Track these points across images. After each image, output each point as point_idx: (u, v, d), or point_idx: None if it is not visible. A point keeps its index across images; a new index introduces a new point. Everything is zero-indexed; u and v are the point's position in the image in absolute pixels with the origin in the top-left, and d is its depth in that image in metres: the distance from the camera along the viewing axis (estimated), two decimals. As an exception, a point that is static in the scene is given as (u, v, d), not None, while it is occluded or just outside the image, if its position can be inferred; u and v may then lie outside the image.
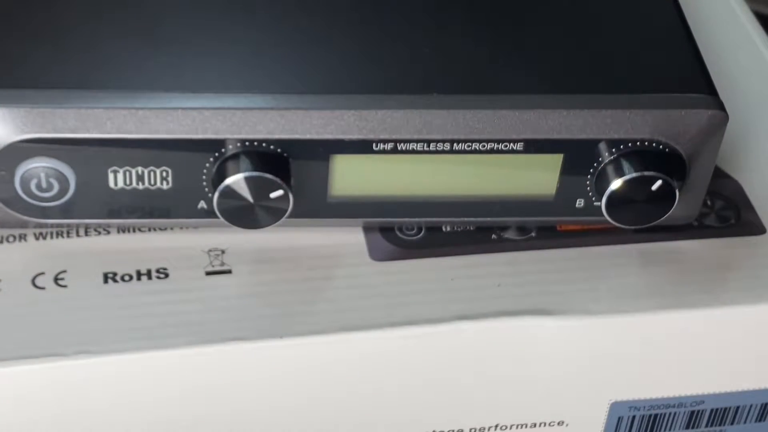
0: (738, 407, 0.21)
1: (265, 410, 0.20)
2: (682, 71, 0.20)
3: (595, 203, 0.20)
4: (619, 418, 0.21)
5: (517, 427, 0.21)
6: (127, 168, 0.19)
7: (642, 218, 0.20)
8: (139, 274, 0.19)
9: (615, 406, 0.21)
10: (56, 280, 0.19)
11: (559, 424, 0.21)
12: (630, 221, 0.20)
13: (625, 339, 0.20)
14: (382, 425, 0.21)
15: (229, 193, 0.18)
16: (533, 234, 0.21)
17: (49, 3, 0.21)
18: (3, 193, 0.19)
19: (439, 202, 0.20)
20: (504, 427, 0.21)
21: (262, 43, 0.20)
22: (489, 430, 0.21)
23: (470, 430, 0.21)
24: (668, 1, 0.22)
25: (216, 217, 0.19)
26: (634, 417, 0.21)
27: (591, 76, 0.20)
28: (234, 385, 0.19)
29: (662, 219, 0.20)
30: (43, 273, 0.19)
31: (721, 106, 0.19)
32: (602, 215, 0.19)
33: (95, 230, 0.21)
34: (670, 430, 0.22)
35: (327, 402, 0.20)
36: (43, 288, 0.19)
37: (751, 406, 0.22)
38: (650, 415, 0.21)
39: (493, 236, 0.21)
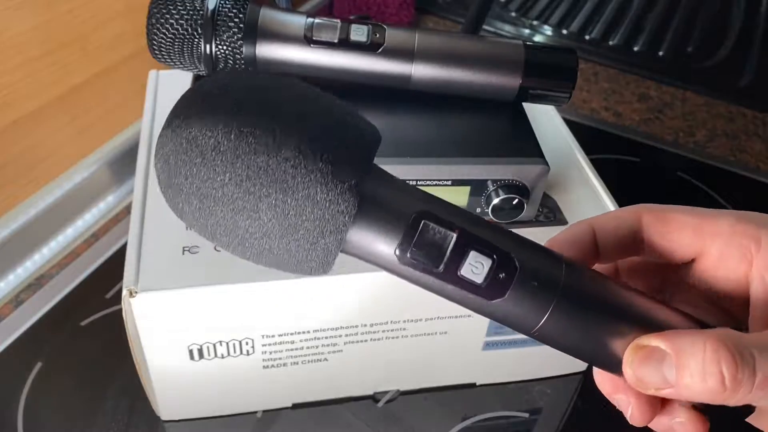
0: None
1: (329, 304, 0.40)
2: (530, 148, 0.40)
3: (485, 210, 0.40)
4: (497, 313, 0.42)
5: (447, 318, 0.41)
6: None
7: (508, 217, 0.40)
8: (266, 244, 0.39)
9: (495, 308, 0.42)
10: (226, 247, 0.38)
11: (468, 316, 0.41)
12: (502, 219, 0.40)
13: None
14: (375, 313, 0.41)
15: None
16: (457, 223, 0.41)
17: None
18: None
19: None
20: (440, 318, 0.41)
21: (395, 140, 0.38)
22: (431, 319, 0.41)
23: (425, 319, 0.41)
24: (524, 115, 0.42)
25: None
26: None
27: (487, 149, 0.39)
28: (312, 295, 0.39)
29: (517, 218, 0.40)
30: (219, 244, 0.38)
31: (546, 164, 0.39)
32: (489, 216, 0.40)
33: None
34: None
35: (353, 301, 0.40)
36: (219, 251, 0.38)
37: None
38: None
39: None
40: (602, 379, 0.26)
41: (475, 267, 0.23)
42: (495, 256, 0.23)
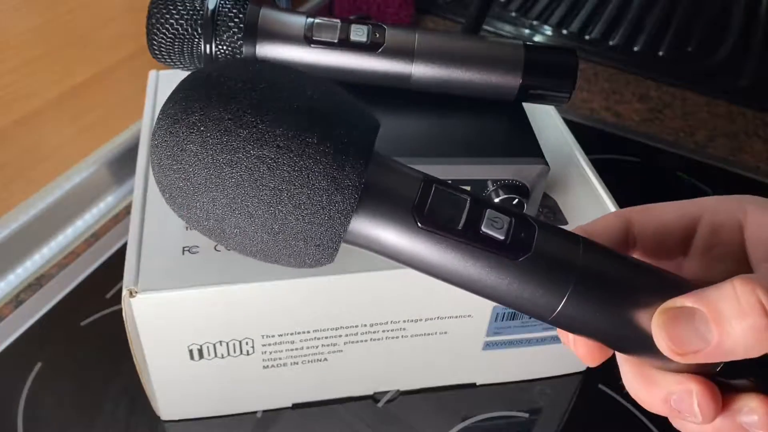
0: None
1: (329, 298, 0.39)
2: (530, 148, 0.39)
3: (486, 209, 0.40)
4: (497, 313, 0.42)
5: (447, 318, 0.41)
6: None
7: (508, 217, 0.40)
8: (266, 244, 0.39)
9: (495, 308, 0.42)
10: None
11: (468, 315, 0.41)
12: (502, 218, 0.40)
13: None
14: (375, 313, 0.41)
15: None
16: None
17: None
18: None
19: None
20: (440, 318, 0.41)
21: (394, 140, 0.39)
22: (431, 319, 0.41)
23: (425, 319, 0.41)
24: (525, 117, 0.42)
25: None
26: (505, 313, 0.42)
27: (487, 149, 0.39)
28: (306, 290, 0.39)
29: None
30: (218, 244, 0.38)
31: (546, 164, 0.39)
32: (489, 215, 0.40)
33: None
34: (514, 319, 0.42)
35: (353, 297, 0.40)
36: (219, 251, 0.38)
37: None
38: (512, 312, 0.42)
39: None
40: (648, 387, 0.23)
41: (495, 222, 0.22)
42: (512, 215, 0.23)
